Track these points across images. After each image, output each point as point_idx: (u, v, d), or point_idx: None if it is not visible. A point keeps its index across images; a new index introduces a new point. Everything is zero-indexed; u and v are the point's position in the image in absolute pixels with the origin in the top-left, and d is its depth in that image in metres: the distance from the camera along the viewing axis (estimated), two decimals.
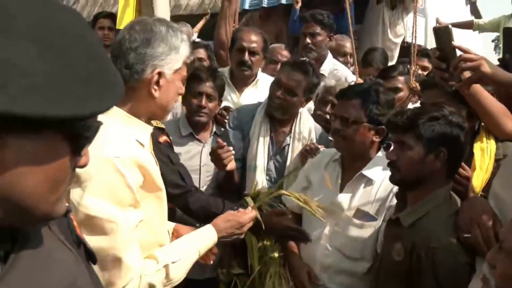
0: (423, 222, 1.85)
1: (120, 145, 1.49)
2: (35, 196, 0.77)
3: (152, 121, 1.71)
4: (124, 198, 1.44)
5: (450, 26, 1.99)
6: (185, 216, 2.37)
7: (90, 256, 0.98)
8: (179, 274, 1.61)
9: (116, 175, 1.43)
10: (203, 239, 1.80)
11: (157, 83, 1.55)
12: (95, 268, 1.41)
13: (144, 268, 1.49)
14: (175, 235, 1.94)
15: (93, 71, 0.78)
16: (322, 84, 3.10)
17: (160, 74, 1.55)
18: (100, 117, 1.58)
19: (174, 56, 1.56)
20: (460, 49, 1.92)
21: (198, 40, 5.20)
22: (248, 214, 1.99)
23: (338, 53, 4.27)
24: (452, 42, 1.94)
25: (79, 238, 0.97)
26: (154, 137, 1.87)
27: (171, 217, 2.05)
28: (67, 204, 0.94)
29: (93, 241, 1.41)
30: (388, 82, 3.19)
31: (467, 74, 1.87)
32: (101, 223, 1.42)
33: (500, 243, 1.24)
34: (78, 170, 1.43)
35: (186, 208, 2.27)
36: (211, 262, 2.02)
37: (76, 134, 0.79)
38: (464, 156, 1.96)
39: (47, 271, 0.82)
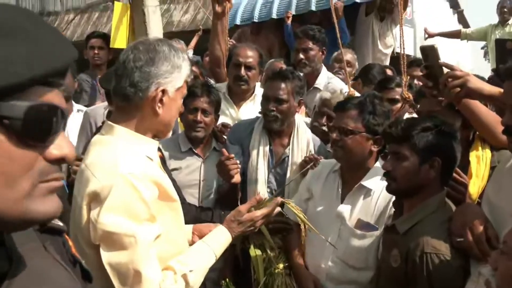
0: (417, 229, 1.90)
1: (132, 162, 1.53)
2: None
3: None
4: (140, 213, 1.48)
5: (436, 45, 2.07)
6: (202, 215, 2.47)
7: (86, 275, 0.97)
8: (198, 281, 1.64)
9: (132, 190, 1.47)
10: (218, 242, 1.79)
11: (161, 101, 1.60)
12: (116, 284, 1.44)
13: (163, 280, 1.51)
14: (197, 234, 1.98)
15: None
16: (318, 96, 3.16)
17: (164, 91, 1.60)
18: (106, 137, 1.62)
19: (177, 74, 1.62)
20: (447, 66, 2.00)
21: (191, 57, 5.26)
22: (260, 211, 1.95)
23: (337, 61, 4.36)
24: (439, 61, 2.02)
25: (74, 257, 0.96)
26: None
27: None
28: (62, 224, 0.94)
29: (112, 257, 1.46)
30: (386, 94, 3.25)
31: (455, 90, 1.93)
32: (120, 238, 1.45)
33: (503, 246, 1.28)
34: (95, 188, 1.49)
35: None
36: None
37: (4, 117, 0.71)
38: (457, 163, 2.01)
39: None
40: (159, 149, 2.37)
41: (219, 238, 1.80)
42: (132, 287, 1.46)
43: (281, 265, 2.46)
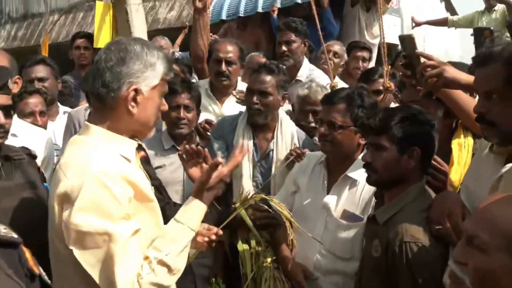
0: (397, 218, 1.90)
1: (104, 161, 1.52)
2: None
3: None
4: (113, 212, 1.47)
5: (413, 35, 2.07)
6: None
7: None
8: (180, 261, 1.60)
9: (102, 189, 1.46)
10: (192, 215, 1.71)
11: (135, 100, 1.59)
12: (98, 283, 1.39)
13: (140, 274, 1.49)
14: None
15: None
16: (295, 96, 3.15)
17: (136, 90, 1.58)
18: (81, 137, 1.61)
19: (150, 73, 1.60)
20: (423, 56, 2.00)
21: (178, 54, 5.22)
22: (226, 167, 1.86)
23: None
24: (416, 50, 2.02)
25: (32, 272, 0.93)
26: None
27: None
28: (16, 236, 0.93)
29: (89, 257, 1.45)
30: (370, 85, 3.25)
31: (432, 80, 1.94)
32: (93, 237, 1.45)
33: (469, 239, 1.24)
34: (66, 189, 1.47)
35: (166, 220, 2.28)
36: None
37: None
38: (435, 151, 2.02)
39: None
40: (142, 149, 2.37)
41: (192, 211, 1.72)
42: (109, 284, 1.46)
43: (269, 259, 2.47)
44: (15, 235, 0.93)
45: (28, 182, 2.03)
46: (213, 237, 2.00)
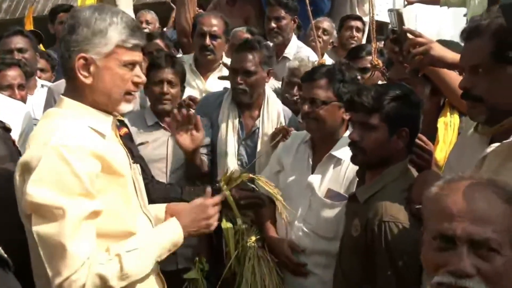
0: (377, 197, 1.87)
1: (70, 135, 1.48)
2: None
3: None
4: (72, 187, 1.42)
5: (400, 10, 2.03)
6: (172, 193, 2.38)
7: (3, 263, 0.93)
8: (137, 266, 1.53)
9: (62, 163, 1.42)
10: (166, 233, 1.68)
11: (87, 69, 1.54)
12: (44, 259, 1.36)
13: (94, 258, 1.44)
14: (169, 213, 1.92)
15: None
16: (286, 66, 3.09)
17: (86, 59, 1.53)
18: (54, 110, 1.56)
19: (99, 39, 1.54)
20: (411, 32, 1.97)
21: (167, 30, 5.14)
22: (213, 203, 1.84)
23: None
24: (403, 26, 1.98)
25: None
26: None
27: None
28: None
29: (40, 228, 1.41)
30: (357, 63, 3.20)
31: (418, 57, 1.91)
32: (47, 210, 1.41)
33: (478, 244, 1.08)
34: (26, 159, 1.43)
35: (149, 197, 2.24)
36: None
37: None
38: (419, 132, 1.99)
39: None
40: (125, 125, 2.31)
41: (168, 231, 1.70)
42: (57, 260, 1.41)
43: (253, 238, 2.46)
44: None
45: (3, 156, 1.98)
46: None
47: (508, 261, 1.08)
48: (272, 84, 3.23)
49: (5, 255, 0.92)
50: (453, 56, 1.87)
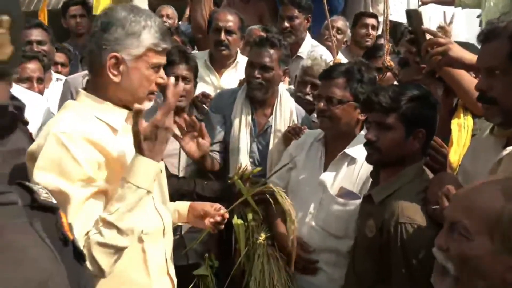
0: (393, 198, 1.86)
1: (70, 122, 1.51)
2: None
3: None
4: (72, 172, 1.45)
5: (419, 10, 2.02)
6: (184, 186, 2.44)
7: (79, 255, 0.97)
8: (128, 220, 1.46)
9: (61, 149, 1.45)
10: (135, 171, 1.49)
11: (117, 68, 1.56)
12: None
13: (89, 232, 1.44)
14: (191, 211, 1.95)
15: None
16: (300, 65, 3.10)
17: (117, 58, 1.55)
18: (71, 102, 1.59)
19: (132, 41, 1.56)
20: (430, 32, 1.96)
21: (182, 25, 5.15)
22: (162, 113, 1.51)
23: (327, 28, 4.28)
24: (422, 26, 1.97)
25: (66, 237, 0.94)
26: None
27: None
28: (54, 201, 0.95)
29: None
30: (374, 62, 3.20)
31: (436, 57, 1.89)
32: (52, 195, 1.41)
33: (452, 224, 1.22)
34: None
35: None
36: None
37: None
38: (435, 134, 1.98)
39: (16, 268, 0.80)
40: None
41: (134, 167, 1.50)
42: None
43: (263, 235, 2.46)
44: (54, 200, 0.95)
45: (23, 148, 2.01)
46: (218, 218, 2.00)
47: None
48: (286, 86, 3.24)
49: (81, 248, 0.97)
50: (471, 57, 1.86)
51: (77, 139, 1.48)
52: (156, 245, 1.70)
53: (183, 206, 2.00)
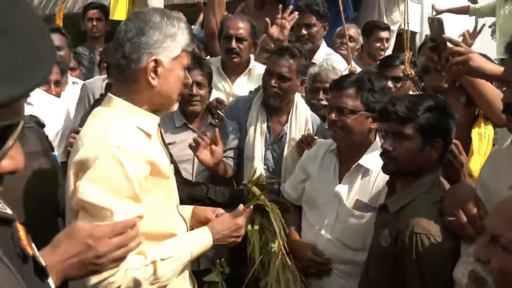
0: (409, 208, 1.85)
1: (122, 135, 1.50)
2: None
3: None
4: (122, 189, 1.45)
5: (442, 18, 2.01)
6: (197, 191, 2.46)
7: (40, 271, 0.88)
8: (168, 272, 1.57)
9: (116, 165, 1.45)
10: (197, 240, 1.73)
11: (155, 71, 1.56)
12: None
13: (131, 262, 1.46)
14: (194, 216, 1.97)
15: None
16: (307, 75, 3.08)
17: (156, 61, 1.55)
18: (103, 109, 1.59)
19: (170, 43, 1.57)
20: (451, 41, 1.94)
21: (195, 29, 5.16)
22: (244, 215, 1.88)
23: (339, 36, 4.29)
24: (443, 35, 1.96)
25: (24, 252, 0.84)
26: None
27: None
28: (10, 212, 0.85)
29: None
30: (390, 71, 3.19)
31: (457, 66, 1.88)
32: (95, 209, 1.43)
33: (493, 237, 1.19)
34: (82, 158, 1.46)
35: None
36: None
37: None
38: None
39: None
40: (158, 126, 2.33)
41: (199, 238, 1.74)
42: None
43: (277, 243, 2.43)
44: (9, 211, 0.85)
45: (38, 151, 2.01)
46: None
47: None
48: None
49: (44, 264, 0.88)
50: (492, 67, 1.85)
51: (132, 154, 1.48)
52: None
53: (187, 210, 1.99)
